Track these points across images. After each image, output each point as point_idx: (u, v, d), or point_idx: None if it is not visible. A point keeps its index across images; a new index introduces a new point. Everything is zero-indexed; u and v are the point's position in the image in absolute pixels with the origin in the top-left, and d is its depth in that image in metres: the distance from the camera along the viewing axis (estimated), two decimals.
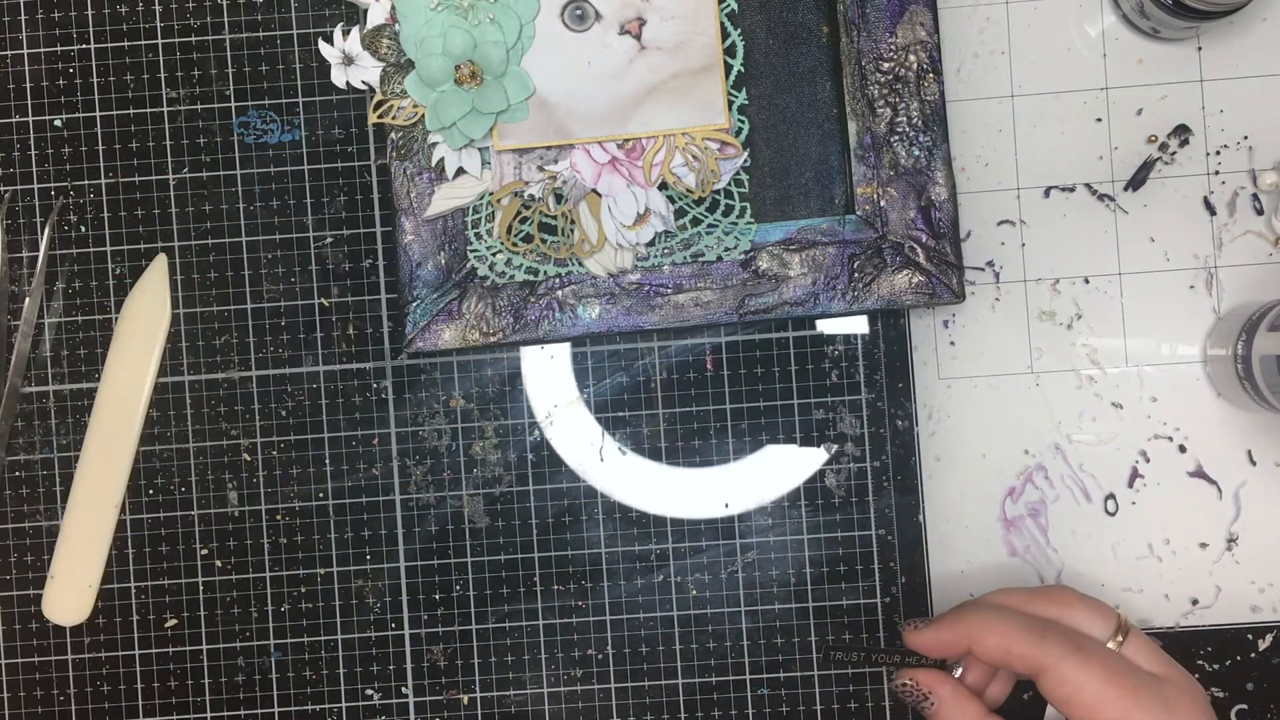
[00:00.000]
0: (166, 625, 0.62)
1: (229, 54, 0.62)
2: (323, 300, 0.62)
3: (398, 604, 0.62)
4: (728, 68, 0.58)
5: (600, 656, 0.61)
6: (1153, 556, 0.61)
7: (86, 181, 0.62)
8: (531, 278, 0.59)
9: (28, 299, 0.62)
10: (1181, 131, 0.61)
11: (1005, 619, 0.52)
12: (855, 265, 0.58)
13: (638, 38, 0.57)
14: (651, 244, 0.59)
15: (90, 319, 0.62)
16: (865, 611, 0.61)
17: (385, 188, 0.62)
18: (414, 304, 0.59)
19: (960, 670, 0.54)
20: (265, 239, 0.62)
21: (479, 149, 0.58)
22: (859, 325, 0.61)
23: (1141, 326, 0.61)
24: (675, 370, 0.62)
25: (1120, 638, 0.52)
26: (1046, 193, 0.61)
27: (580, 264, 0.59)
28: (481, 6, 0.56)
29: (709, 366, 0.61)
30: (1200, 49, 0.61)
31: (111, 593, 0.62)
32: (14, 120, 0.62)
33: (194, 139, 0.62)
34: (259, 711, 0.62)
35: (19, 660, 0.62)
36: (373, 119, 0.58)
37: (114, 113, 0.62)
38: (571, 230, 0.58)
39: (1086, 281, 0.61)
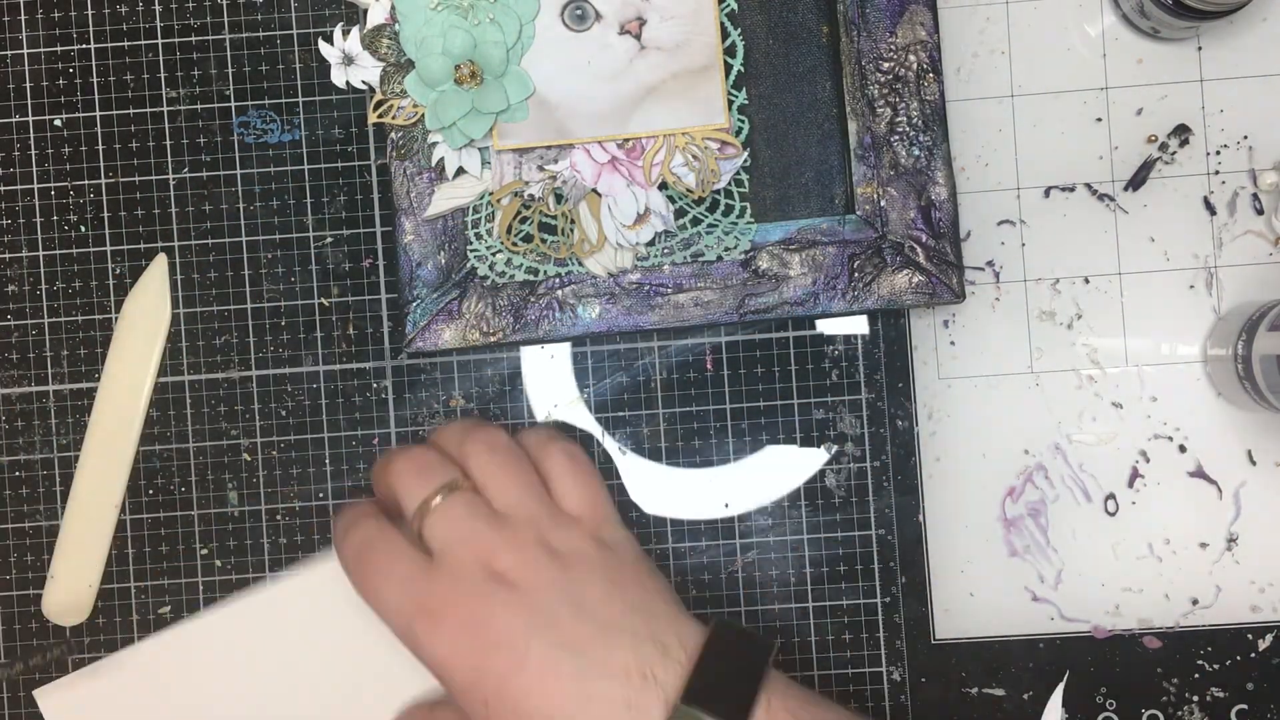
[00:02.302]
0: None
1: (229, 54, 0.62)
2: (323, 300, 0.62)
3: None
4: (728, 67, 0.58)
5: None
6: (1153, 556, 0.61)
7: (86, 181, 0.62)
8: (531, 278, 0.59)
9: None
10: (1181, 131, 0.61)
11: (343, 518, 0.56)
12: (855, 265, 0.58)
13: (638, 37, 0.57)
14: (651, 244, 0.59)
15: (90, 319, 0.62)
16: (865, 611, 0.61)
17: (385, 188, 0.62)
18: (414, 304, 0.59)
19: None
20: (265, 239, 0.62)
21: (479, 149, 0.58)
22: (859, 325, 0.61)
23: (1141, 326, 0.61)
24: (675, 370, 0.62)
25: (437, 498, 0.53)
26: (1046, 193, 0.61)
27: (580, 264, 0.59)
28: (481, 6, 0.56)
29: (709, 366, 0.61)
30: (1200, 49, 0.61)
31: (111, 593, 0.62)
32: (14, 120, 0.62)
33: (194, 139, 0.62)
34: None
35: (18, 660, 0.62)
36: (373, 119, 0.58)
37: (114, 113, 0.62)
38: (571, 230, 0.58)
39: (1086, 281, 0.61)
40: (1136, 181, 0.61)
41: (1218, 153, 0.61)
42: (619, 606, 0.51)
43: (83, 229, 0.62)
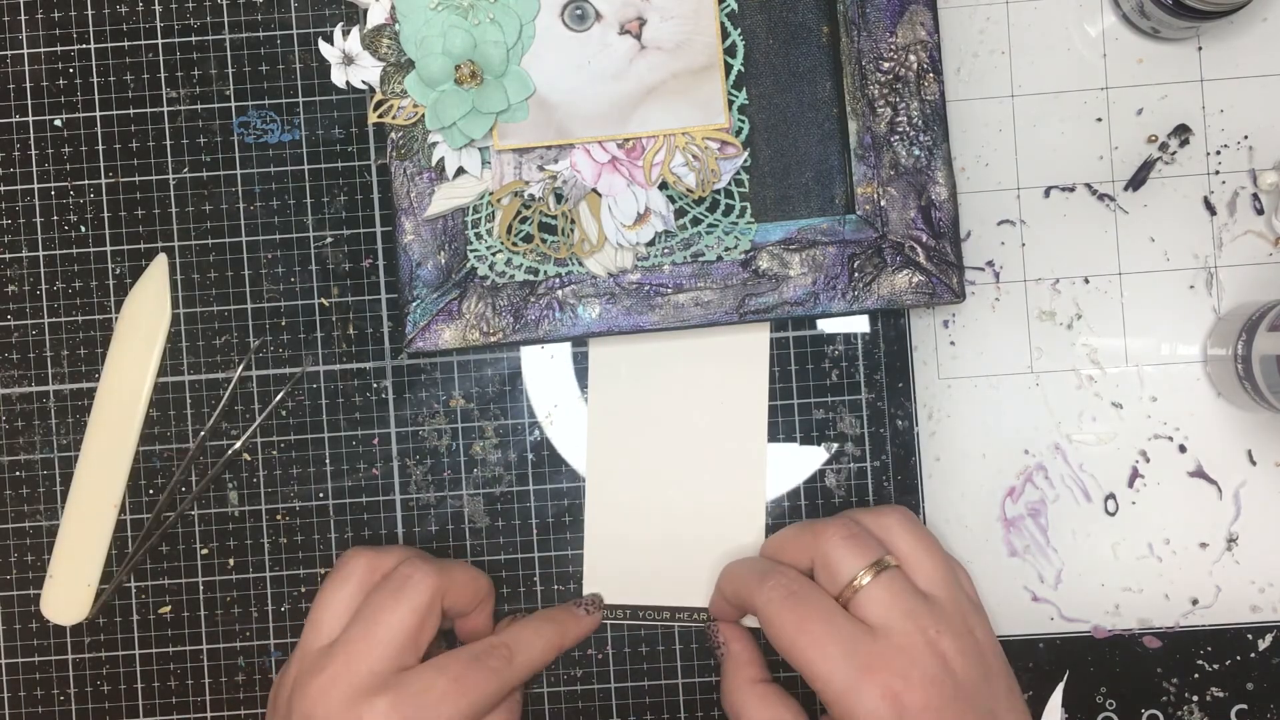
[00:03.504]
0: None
1: (229, 54, 0.62)
2: (323, 300, 0.62)
3: None
4: (728, 67, 0.58)
5: (600, 656, 0.61)
6: (1153, 556, 0.61)
7: (86, 181, 0.62)
8: (531, 277, 0.59)
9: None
10: (1181, 131, 0.61)
11: (739, 566, 0.57)
12: (855, 265, 0.58)
13: (638, 37, 0.57)
14: (651, 244, 0.59)
15: (90, 319, 0.62)
16: None
17: (385, 188, 0.62)
18: (414, 304, 0.59)
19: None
20: (265, 239, 0.62)
21: (479, 149, 0.58)
22: (859, 325, 0.61)
23: (1141, 326, 0.61)
24: None
25: (868, 576, 0.52)
26: (1046, 193, 0.61)
27: (580, 264, 0.59)
28: (481, 6, 0.56)
29: None
30: (1200, 49, 0.61)
31: (111, 592, 0.62)
32: (14, 120, 0.62)
33: (194, 139, 0.62)
34: (259, 711, 0.62)
35: (19, 660, 0.62)
36: (373, 119, 0.58)
37: (114, 113, 0.62)
38: (571, 230, 0.58)
39: (1086, 281, 0.61)
40: (1136, 181, 0.61)
41: (1218, 153, 0.61)
42: (1017, 713, 0.54)
43: (83, 229, 0.62)
